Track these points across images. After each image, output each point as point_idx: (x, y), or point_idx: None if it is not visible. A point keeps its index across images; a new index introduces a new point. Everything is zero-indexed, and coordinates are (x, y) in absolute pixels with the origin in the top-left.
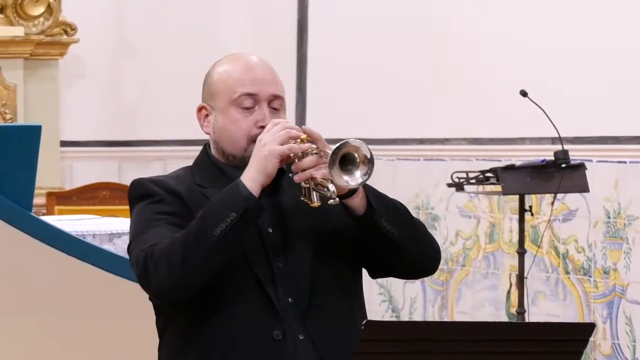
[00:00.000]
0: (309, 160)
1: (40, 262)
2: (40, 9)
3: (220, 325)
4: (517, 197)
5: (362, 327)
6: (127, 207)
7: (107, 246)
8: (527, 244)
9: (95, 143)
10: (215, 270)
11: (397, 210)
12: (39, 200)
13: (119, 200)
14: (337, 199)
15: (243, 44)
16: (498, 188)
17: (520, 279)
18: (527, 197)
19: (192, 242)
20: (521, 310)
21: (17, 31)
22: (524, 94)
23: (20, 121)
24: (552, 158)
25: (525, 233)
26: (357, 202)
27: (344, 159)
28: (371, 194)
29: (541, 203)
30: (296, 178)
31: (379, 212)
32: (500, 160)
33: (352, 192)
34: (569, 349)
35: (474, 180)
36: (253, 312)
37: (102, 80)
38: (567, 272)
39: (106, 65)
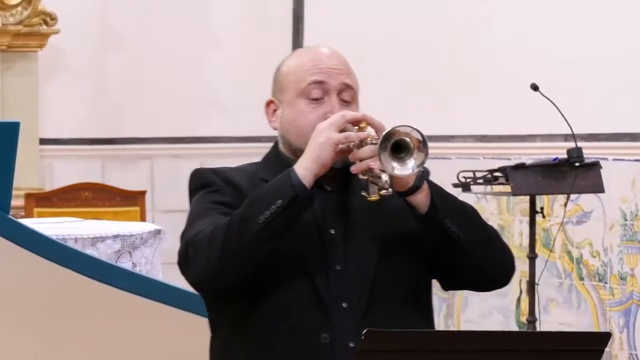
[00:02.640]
0: (366, 149)
1: (19, 267)
2: None
3: (269, 322)
4: (527, 198)
5: (362, 337)
6: (111, 209)
7: (89, 251)
8: (539, 248)
9: (77, 141)
10: (257, 259)
11: (464, 211)
12: (17, 202)
13: (102, 202)
14: (390, 189)
15: (236, 36)
16: (507, 188)
17: (531, 285)
18: (538, 198)
19: (234, 229)
20: (532, 319)
21: None
22: (534, 87)
23: None
24: (565, 156)
25: (537, 236)
26: (421, 200)
27: (397, 146)
28: (436, 192)
29: (553, 204)
30: (353, 169)
31: (442, 212)
32: (509, 159)
33: (415, 188)
34: None
35: (481, 180)
36: (302, 313)
37: (85, 74)
38: (581, 278)
39: (89, 58)
